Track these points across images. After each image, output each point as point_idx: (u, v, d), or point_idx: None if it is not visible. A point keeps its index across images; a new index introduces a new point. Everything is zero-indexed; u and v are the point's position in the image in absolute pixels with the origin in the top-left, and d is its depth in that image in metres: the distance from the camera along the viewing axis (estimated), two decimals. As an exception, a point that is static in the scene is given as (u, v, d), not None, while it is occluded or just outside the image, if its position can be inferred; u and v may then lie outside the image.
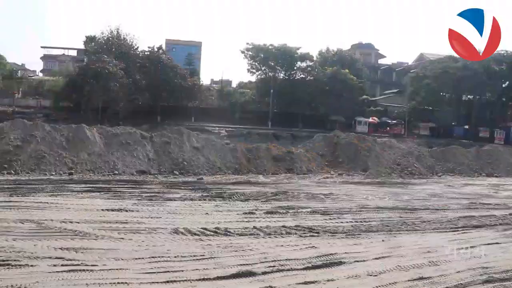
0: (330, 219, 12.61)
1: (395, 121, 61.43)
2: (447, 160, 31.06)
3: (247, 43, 59.70)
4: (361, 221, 12.50)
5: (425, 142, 45.38)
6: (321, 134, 29.98)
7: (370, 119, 60.05)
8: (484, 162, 32.73)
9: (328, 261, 8.56)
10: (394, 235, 11.16)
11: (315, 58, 62.69)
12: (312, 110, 60.69)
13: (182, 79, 46.99)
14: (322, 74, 57.54)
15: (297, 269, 8.02)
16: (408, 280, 7.82)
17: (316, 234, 10.69)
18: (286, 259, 8.50)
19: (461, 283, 7.83)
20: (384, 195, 18.26)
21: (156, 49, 48.06)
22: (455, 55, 63.73)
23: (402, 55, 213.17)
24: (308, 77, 59.26)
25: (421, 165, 28.91)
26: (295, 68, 59.36)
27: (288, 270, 7.95)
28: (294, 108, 57.68)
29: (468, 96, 66.95)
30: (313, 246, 9.58)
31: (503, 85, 66.48)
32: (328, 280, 7.56)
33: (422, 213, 14.57)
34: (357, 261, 8.74)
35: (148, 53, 47.56)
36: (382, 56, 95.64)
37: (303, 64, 59.72)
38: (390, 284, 7.57)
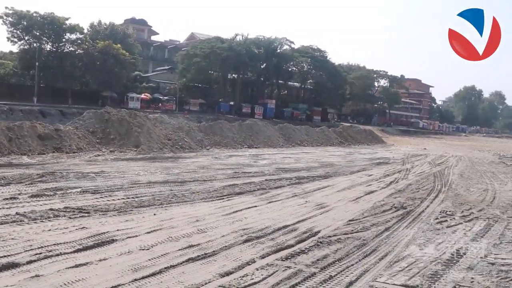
0: (101, 197, 12.31)
1: (167, 98, 62.80)
2: (214, 134, 33.06)
3: (7, 8, 53.17)
4: (133, 197, 12.53)
5: (195, 117, 47.58)
6: (92, 110, 28.66)
7: (143, 95, 60.23)
8: (246, 135, 35.94)
9: (99, 241, 8.40)
10: (165, 208, 11.53)
11: (86, 31, 59.65)
12: (83, 86, 58.04)
13: None
14: (93, 48, 55.05)
15: (67, 253, 7.65)
16: (179, 250, 8.21)
17: (86, 214, 10.33)
18: (55, 244, 8.03)
19: (225, 246, 8.58)
20: (156, 170, 18.59)
21: None
22: (223, 36, 68.44)
23: (174, 33, 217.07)
24: (78, 50, 56.05)
25: (191, 139, 30.15)
26: (63, 40, 55.39)
27: (57, 255, 7.52)
28: (63, 83, 54.30)
29: (233, 75, 72.26)
30: (84, 227, 9.25)
31: (262, 66, 73.77)
32: (100, 260, 7.43)
33: (191, 184, 15.34)
34: (130, 237, 8.78)
35: None
36: (155, 33, 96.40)
37: (73, 36, 56.21)
38: (161, 255, 7.84)
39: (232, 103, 67.37)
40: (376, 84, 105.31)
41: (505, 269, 7.92)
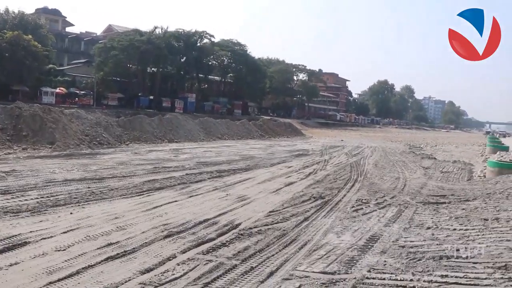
0: (12, 198, 11.63)
1: (83, 92, 60.34)
2: (134, 129, 32.35)
3: None
4: (47, 196, 11.96)
5: (113, 112, 46.11)
6: (0, 106, 26.96)
7: (57, 90, 57.44)
8: (167, 129, 35.52)
9: (10, 244, 7.96)
10: (82, 206, 11.15)
11: (-9, 19, 55.65)
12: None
13: None
14: (1, 39, 51.59)
15: (-27, 260, 7.18)
16: (97, 248, 8.00)
17: (-5, 217, 9.76)
18: (-42, 250, 7.53)
19: (146, 242, 8.48)
20: (73, 167, 17.87)
21: None
22: (141, 28, 66.49)
23: (90, 25, 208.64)
24: (-17, 40, 52.19)
25: (109, 134, 29.27)
26: (-36, 28, 51.43)
27: (-40, 262, 7.03)
28: (-35, 76, 50.39)
29: (153, 69, 70.78)
30: (-8, 231, 8.75)
31: (182, 60, 72.92)
32: (11, 265, 7.05)
33: (110, 181, 14.93)
34: (44, 239, 8.41)
35: None
36: (70, 24, 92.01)
37: (-24, 25, 52.26)
38: (79, 255, 7.59)
39: (151, 97, 65.99)
40: (295, 78, 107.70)
41: (413, 251, 8.45)
